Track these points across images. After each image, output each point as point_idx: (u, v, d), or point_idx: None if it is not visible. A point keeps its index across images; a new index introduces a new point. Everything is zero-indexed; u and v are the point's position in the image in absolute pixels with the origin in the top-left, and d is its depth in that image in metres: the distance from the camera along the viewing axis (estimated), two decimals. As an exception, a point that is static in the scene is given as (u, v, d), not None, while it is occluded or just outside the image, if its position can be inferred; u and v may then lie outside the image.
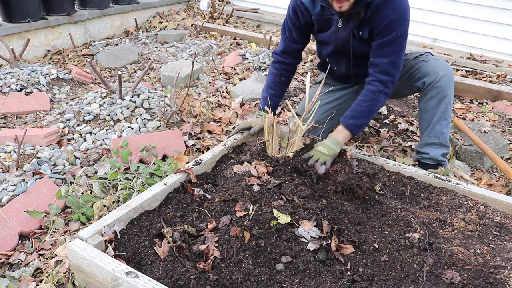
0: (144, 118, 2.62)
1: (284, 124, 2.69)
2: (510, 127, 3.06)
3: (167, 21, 5.30)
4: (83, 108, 2.65)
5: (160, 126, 2.60)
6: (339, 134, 2.03)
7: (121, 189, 2.03)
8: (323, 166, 1.91)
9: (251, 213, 1.63)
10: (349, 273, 1.45)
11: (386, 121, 2.97)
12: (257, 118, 2.24)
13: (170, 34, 4.69)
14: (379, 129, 2.87)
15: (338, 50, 2.18)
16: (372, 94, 2.00)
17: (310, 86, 2.54)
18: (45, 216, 1.88)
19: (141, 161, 2.31)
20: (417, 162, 2.28)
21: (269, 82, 2.29)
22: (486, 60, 4.35)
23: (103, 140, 2.46)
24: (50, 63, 3.92)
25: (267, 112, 2.04)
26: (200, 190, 1.79)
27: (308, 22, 2.15)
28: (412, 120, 3.00)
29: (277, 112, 2.25)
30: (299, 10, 2.10)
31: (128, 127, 2.53)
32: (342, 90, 2.47)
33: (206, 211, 1.69)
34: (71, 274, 1.57)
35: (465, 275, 1.43)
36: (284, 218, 1.60)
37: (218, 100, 3.15)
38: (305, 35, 2.23)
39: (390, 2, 1.89)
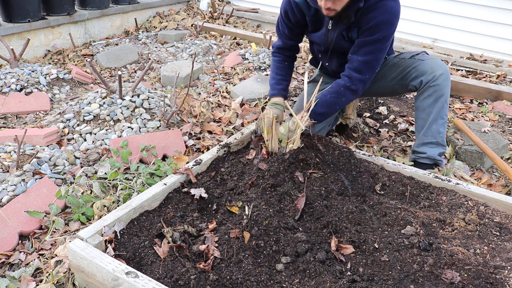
0: (144, 118, 2.62)
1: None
2: (510, 127, 3.06)
3: (167, 21, 5.30)
4: (83, 108, 2.65)
5: (160, 126, 2.60)
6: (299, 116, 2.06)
7: (121, 189, 2.03)
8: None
9: (248, 213, 1.63)
10: (349, 273, 1.45)
11: (386, 121, 2.97)
12: (276, 109, 2.21)
13: (170, 34, 4.69)
14: (379, 129, 2.87)
15: (329, 49, 2.23)
16: (338, 87, 2.07)
17: (309, 82, 2.56)
18: (45, 216, 1.88)
19: (141, 161, 2.31)
20: (412, 163, 2.27)
21: (273, 68, 2.37)
22: (486, 60, 4.35)
23: (103, 140, 2.46)
24: (50, 63, 3.92)
25: (284, 99, 2.18)
26: (200, 190, 1.79)
27: (300, 22, 2.20)
28: (412, 120, 3.00)
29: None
30: (291, 10, 2.16)
31: (128, 127, 2.53)
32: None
33: (206, 211, 1.69)
34: (71, 274, 1.57)
35: (465, 275, 1.43)
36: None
37: (218, 100, 3.15)
38: (298, 33, 2.30)
39: (382, 5, 1.91)
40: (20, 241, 1.80)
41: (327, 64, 2.37)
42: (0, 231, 1.78)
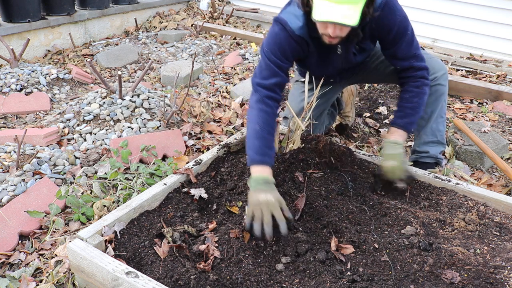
0: (144, 118, 2.62)
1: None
2: (510, 127, 3.06)
3: (167, 21, 5.30)
4: (83, 108, 2.65)
5: (160, 126, 2.60)
6: (396, 135, 1.95)
7: (121, 189, 2.03)
8: (402, 182, 1.88)
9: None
10: (349, 273, 1.45)
11: (386, 121, 2.97)
12: (270, 191, 1.61)
13: (170, 34, 4.69)
14: (379, 129, 2.87)
15: (340, 70, 2.13)
16: (417, 89, 1.98)
17: (296, 81, 2.48)
18: (45, 216, 1.88)
19: (141, 161, 2.31)
20: (412, 163, 2.26)
21: (258, 121, 1.73)
22: (486, 60, 4.35)
23: (103, 140, 2.46)
24: (50, 63, 3.92)
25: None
26: (200, 190, 1.79)
27: (299, 55, 1.93)
28: (412, 120, 3.00)
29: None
30: (292, 43, 1.83)
31: (128, 127, 2.53)
32: (329, 85, 2.40)
33: (206, 211, 1.69)
34: (71, 274, 1.57)
35: (465, 275, 1.43)
36: None
37: (218, 100, 3.15)
38: (288, 68, 1.91)
39: (387, 8, 1.82)
40: (20, 241, 1.80)
41: (324, 76, 2.21)
42: (0, 231, 1.78)
